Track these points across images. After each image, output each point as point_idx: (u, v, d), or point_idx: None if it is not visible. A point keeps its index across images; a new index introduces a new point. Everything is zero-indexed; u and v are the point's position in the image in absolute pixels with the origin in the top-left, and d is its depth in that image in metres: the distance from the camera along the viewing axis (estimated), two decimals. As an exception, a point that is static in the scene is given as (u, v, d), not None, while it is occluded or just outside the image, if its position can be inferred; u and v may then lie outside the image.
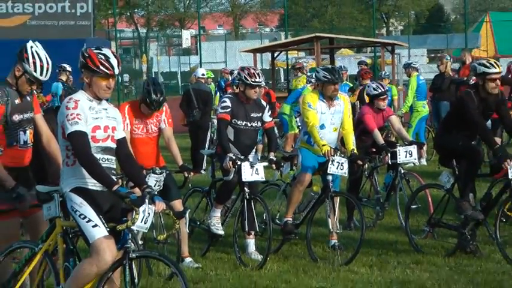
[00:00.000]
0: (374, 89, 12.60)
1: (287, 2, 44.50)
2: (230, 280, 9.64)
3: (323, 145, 10.40)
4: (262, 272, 9.97)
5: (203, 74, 20.56)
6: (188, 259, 10.30)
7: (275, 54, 30.44)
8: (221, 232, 10.66)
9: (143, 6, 70.76)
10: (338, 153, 10.54)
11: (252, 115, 10.68)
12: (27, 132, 8.14)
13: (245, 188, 10.36)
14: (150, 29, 69.90)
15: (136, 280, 7.13)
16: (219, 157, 10.71)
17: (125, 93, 45.76)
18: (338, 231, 10.78)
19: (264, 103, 11.10)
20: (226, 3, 74.38)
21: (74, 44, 23.54)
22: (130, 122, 9.88)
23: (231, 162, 10.18)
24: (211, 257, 10.78)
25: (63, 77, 19.16)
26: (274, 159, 10.60)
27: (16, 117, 8.07)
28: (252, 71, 10.60)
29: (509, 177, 10.03)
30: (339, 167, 10.42)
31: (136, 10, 70.00)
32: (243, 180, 10.27)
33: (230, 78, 23.82)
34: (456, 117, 10.43)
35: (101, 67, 7.00)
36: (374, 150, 12.41)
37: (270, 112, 11.00)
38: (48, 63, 8.03)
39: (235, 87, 20.48)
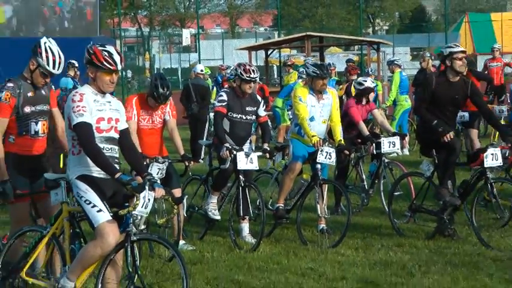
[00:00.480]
0: (372, 81, 12.92)
1: (280, 3, 44.42)
2: (225, 261, 9.64)
3: (312, 136, 10.40)
4: (255, 254, 9.97)
5: (201, 70, 20.56)
6: (182, 242, 10.27)
7: (269, 52, 30.41)
8: (217, 217, 10.66)
9: (146, 7, 70.57)
10: (326, 144, 10.55)
11: (247, 109, 10.65)
12: (39, 123, 8.16)
13: (240, 176, 10.35)
14: (152, 28, 69.74)
15: (137, 261, 7.12)
16: (215, 147, 10.72)
17: (128, 88, 45.65)
18: (326, 216, 10.79)
19: (259, 98, 11.08)
20: (224, 4, 74.31)
21: (81, 42, 23.50)
22: (137, 113, 9.86)
23: (227, 152, 10.19)
24: (208, 240, 10.78)
25: (71, 72, 19.06)
26: (268, 149, 10.61)
27: (27, 109, 8.09)
28: (248, 67, 10.58)
29: (485, 165, 10.08)
30: (327, 157, 10.43)
31: (139, 11, 69.82)
32: (238, 168, 10.26)
33: (227, 74, 23.79)
34: (431, 105, 10.40)
35: (105, 63, 6.99)
36: (360, 141, 12.45)
37: (264, 107, 10.99)
38: (60, 58, 8.06)
39: (232, 82, 20.54)
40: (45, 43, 8.04)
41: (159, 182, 7.56)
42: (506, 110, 17.69)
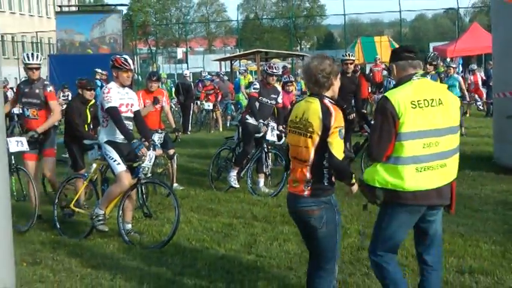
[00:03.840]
0: (285, 78, 13.14)
1: (240, 31, 44.20)
2: (203, 196, 9.54)
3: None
4: (222, 191, 9.82)
5: (186, 74, 20.45)
6: (175, 184, 10.08)
7: (233, 62, 30.27)
8: (237, 186, 9.73)
9: (154, 34, 69.87)
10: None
11: (272, 96, 9.74)
12: (30, 110, 7.95)
13: (265, 144, 9.65)
14: (158, 48, 68.94)
15: (145, 196, 7.08)
16: (241, 124, 9.89)
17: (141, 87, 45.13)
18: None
19: (279, 89, 10.01)
20: (204, 32, 74.11)
21: (110, 57, 23.08)
22: (143, 102, 9.68)
23: (264, 127, 9.45)
24: (193, 183, 10.60)
25: (98, 76, 18.48)
26: (283, 130, 9.73)
27: (23, 99, 7.98)
28: (272, 64, 9.79)
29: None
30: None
31: (149, 36, 69.07)
32: (266, 138, 9.54)
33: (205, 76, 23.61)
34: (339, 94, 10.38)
35: (123, 65, 6.91)
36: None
37: (281, 96, 10.00)
38: (33, 53, 7.88)
39: (206, 82, 20.41)
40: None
41: (159, 145, 7.49)
42: (383, 98, 17.95)
